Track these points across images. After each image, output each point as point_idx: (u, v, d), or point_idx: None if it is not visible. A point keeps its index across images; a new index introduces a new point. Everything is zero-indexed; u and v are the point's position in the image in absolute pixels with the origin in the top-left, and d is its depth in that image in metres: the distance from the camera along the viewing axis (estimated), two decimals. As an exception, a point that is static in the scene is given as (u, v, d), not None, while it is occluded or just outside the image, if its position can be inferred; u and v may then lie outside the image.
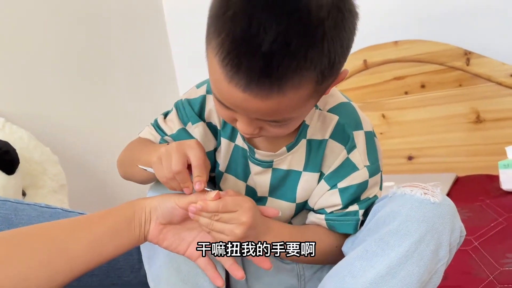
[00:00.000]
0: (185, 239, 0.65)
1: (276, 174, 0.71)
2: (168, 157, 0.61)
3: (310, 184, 0.70)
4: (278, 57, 0.48)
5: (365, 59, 1.68)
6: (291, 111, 0.55)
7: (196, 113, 0.72)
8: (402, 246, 0.57)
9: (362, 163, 0.68)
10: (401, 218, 0.59)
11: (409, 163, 1.68)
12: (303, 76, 0.50)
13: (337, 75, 0.56)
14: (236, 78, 0.50)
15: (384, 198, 0.66)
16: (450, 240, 0.59)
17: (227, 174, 0.75)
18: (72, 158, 1.64)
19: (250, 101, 0.52)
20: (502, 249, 0.93)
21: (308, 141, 0.69)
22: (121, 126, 1.84)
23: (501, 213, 1.12)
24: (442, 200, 0.60)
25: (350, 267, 0.60)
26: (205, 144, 0.73)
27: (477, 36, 1.52)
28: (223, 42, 0.49)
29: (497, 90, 1.48)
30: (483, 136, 1.53)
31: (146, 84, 2.02)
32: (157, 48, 2.12)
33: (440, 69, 1.56)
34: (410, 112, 1.65)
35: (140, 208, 0.63)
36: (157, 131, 0.76)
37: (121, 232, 0.61)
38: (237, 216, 0.60)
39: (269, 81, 0.49)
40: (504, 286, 0.80)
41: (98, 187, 1.74)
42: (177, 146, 0.61)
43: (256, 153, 0.70)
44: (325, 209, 0.70)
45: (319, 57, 0.49)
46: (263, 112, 0.54)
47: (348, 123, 0.68)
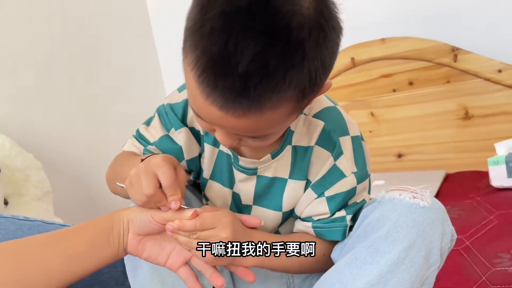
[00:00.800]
0: (164, 249, 0.63)
1: (261, 182, 0.69)
2: (138, 180, 0.58)
3: (297, 192, 0.68)
4: (255, 78, 0.46)
5: (353, 57, 1.66)
6: (270, 128, 0.53)
7: (179, 119, 0.70)
8: (392, 253, 0.56)
9: (349, 170, 0.66)
10: (390, 224, 0.57)
11: (399, 161, 1.67)
12: (282, 96, 0.48)
13: (318, 91, 0.54)
14: (212, 96, 0.48)
15: (373, 203, 0.64)
16: (441, 245, 0.58)
17: (211, 181, 0.73)
18: (56, 164, 1.60)
19: (227, 119, 0.50)
20: (494, 248, 0.92)
21: (293, 147, 0.67)
22: (107, 130, 1.81)
23: (491, 211, 1.12)
24: (432, 204, 0.58)
25: (340, 275, 0.58)
26: (190, 150, 0.71)
27: (464, 32, 1.51)
28: (198, 59, 0.48)
29: (485, 86, 1.48)
30: (472, 132, 1.53)
31: (131, 87, 1.99)
32: (142, 51, 2.09)
33: (427, 66, 1.56)
34: (399, 109, 1.64)
35: (118, 220, 0.62)
36: (139, 142, 0.73)
37: (100, 245, 0.60)
38: (216, 233, 0.58)
39: (246, 101, 0.47)
40: (497, 287, 0.79)
41: (84, 193, 1.71)
42: (144, 167, 0.58)
43: (240, 160, 0.68)
44: (313, 217, 0.68)
45: (299, 77, 0.48)
46: (241, 129, 0.52)
47: (334, 129, 0.66)
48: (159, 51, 2.15)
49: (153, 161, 0.58)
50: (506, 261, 0.87)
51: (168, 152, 0.70)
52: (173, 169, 0.58)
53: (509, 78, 1.43)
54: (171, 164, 0.59)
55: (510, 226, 1.02)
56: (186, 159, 0.71)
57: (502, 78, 1.44)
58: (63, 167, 1.65)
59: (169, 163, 0.59)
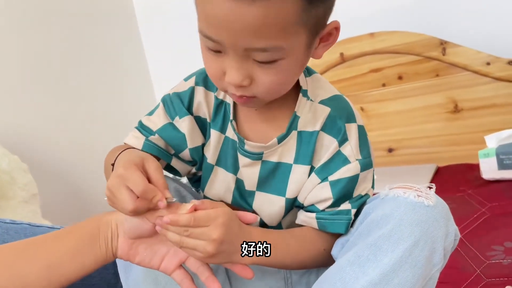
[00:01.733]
0: (158, 252, 0.61)
1: (266, 167, 0.68)
2: (115, 199, 0.56)
3: (301, 177, 0.67)
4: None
5: (342, 52, 1.66)
6: (280, 32, 0.52)
7: (185, 106, 0.69)
8: (396, 252, 0.55)
9: (354, 157, 0.65)
10: (394, 222, 0.56)
11: (390, 156, 1.67)
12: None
13: (325, 8, 0.55)
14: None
15: (375, 200, 0.63)
16: (444, 245, 0.57)
17: (217, 167, 0.71)
18: (43, 166, 1.57)
19: (235, 11, 0.50)
20: (487, 241, 0.92)
21: (299, 132, 0.66)
22: (94, 130, 1.78)
23: (483, 203, 1.12)
24: (436, 203, 0.57)
25: (342, 273, 0.57)
26: (193, 138, 0.69)
27: (452, 25, 1.51)
28: None
29: (473, 78, 1.48)
30: (461, 125, 1.53)
31: (119, 87, 1.96)
32: (129, 49, 2.06)
33: (416, 60, 1.56)
34: (389, 104, 1.64)
35: (105, 223, 0.59)
36: (141, 132, 0.71)
37: (84, 251, 0.57)
38: (208, 232, 0.56)
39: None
40: (492, 280, 0.79)
41: (72, 194, 1.68)
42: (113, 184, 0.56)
43: (246, 144, 0.67)
44: (316, 205, 0.67)
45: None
46: (250, 29, 0.51)
47: (340, 115, 0.66)
48: (146, 48, 2.12)
49: (117, 173, 0.56)
50: (500, 253, 0.87)
51: (172, 140, 0.69)
52: (138, 173, 0.56)
53: (498, 71, 1.44)
54: (135, 167, 0.56)
55: (502, 218, 1.02)
56: (189, 147, 0.70)
57: (490, 70, 1.45)
58: (50, 169, 1.62)
59: (132, 167, 0.56)
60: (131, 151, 0.63)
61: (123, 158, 0.60)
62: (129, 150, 0.64)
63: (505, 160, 1.22)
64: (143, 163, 0.58)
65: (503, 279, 0.78)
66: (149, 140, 0.70)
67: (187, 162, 0.73)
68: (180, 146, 0.70)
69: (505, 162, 1.22)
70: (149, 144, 0.70)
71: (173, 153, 0.72)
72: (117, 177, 0.56)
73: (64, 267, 0.56)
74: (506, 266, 0.82)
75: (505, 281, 0.78)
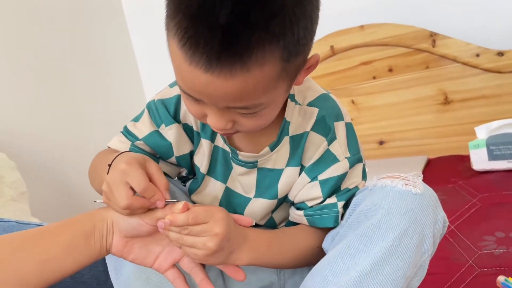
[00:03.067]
0: (152, 251, 0.61)
1: (262, 173, 0.68)
2: (112, 194, 0.56)
3: (291, 178, 0.67)
4: (236, 29, 0.45)
5: (332, 44, 1.65)
6: (260, 94, 0.51)
7: (171, 114, 0.68)
8: (386, 241, 0.55)
9: (342, 155, 0.65)
10: (383, 212, 0.56)
11: (381, 148, 1.67)
12: (266, 50, 0.47)
13: (304, 55, 0.53)
14: (196, 58, 0.47)
15: (364, 191, 0.63)
16: (433, 232, 0.57)
17: (208, 176, 0.71)
18: (31, 164, 1.55)
19: (213, 82, 0.48)
20: (479, 231, 0.93)
21: (291, 137, 0.66)
22: (83, 128, 1.76)
23: (474, 194, 1.12)
24: (424, 191, 0.58)
25: (332, 265, 0.57)
26: (180, 146, 0.68)
27: (442, 17, 1.51)
28: (180, 22, 0.47)
29: (463, 70, 1.49)
30: (452, 117, 1.54)
31: (109, 84, 1.94)
32: (118, 47, 2.04)
33: (406, 52, 1.56)
34: (379, 96, 1.64)
35: (101, 220, 0.58)
36: (127, 137, 0.70)
37: (78, 247, 0.56)
38: (209, 228, 0.56)
39: (230, 57, 0.46)
40: (484, 270, 0.80)
41: (61, 192, 1.66)
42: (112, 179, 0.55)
43: (239, 154, 0.66)
44: (306, 202, 0.67)
45: (281, 29, 0.47)
46: (230, 96, 0.50)
47: (328, 114, 0.66)
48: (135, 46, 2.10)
49: (120, 168, 0.55)
50: (491, 243, 0.87)
51: (158, 148, 0.69)
52: (141, 170, 0.55)
53: (487, 62, 1.44)
54: (138, 165, 0.56)
55: (493, 209, 1.03)
56: (175, 156, 0.69)
57: (480, 62, 1.45)
58: (39, 167, 1.60)
59: (135, 164, 0.55)
60: (130, 152, 0.62)
61: (125, 156, 0.59)
62: (128, 152, 0.63)
63: (495, 151, 1.23)
64: (145, 163, 0.58)
65: (495, 269, 0.79)
66: (135, 145, 0.69)
67: (175, 165, 0.72)
68: (166, 153, 0.69)
69: (495, 153, 1.23)
70: (134, 149, 0.69)
71: (159, 157, 0.71)
72: (118, 172, 0.55)
73: (58, 262, 0.55)
74: (498, 256, 0.82)
75: (497, 271, 0.78)
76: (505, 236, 0.89)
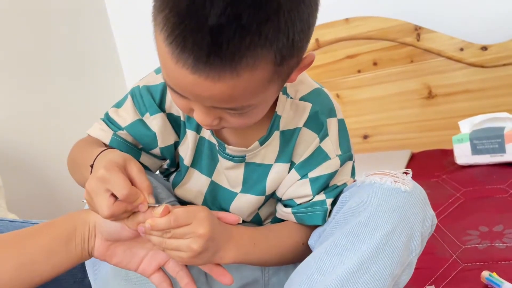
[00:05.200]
0: (136, 254, 0.59)
1: (250, 168, 0.66)
2: (92, 203, 0.53)
3: (280, 174, 0.65)
4: (227, 32, 0.42)
5: (317, 38, 1.63)
6: (249, 97, 0.48)
7: (156, 103, 0.65)
8: (373, 239, 0.54)
9: (334, 152, 0.64)
10: (371, 209, 0.55)
11: (365, 142, 1.67)
12: (258, 54, 0.44)
13: (299, 57, 0.50)
14: (183, 57, 0.44)
15: (352, 187, 0.62)
16: (422, 230, 0.56)
17: (192, 169, 0.68)
18: (7, 158, 1.50)
19: (200, 84, 0.45)
20: (462, 226, 0.92)
21: (281, 132, 0.64)
22: (61, 120, 1.71)
23: (458, 188, 1.12)
24: (413, 188, 0.57)
25: (319, 263, 0.56)
26: (164, 137, 0.66)
27: (427, 10, 1.51)
28: (167, 18, 0.44)
29: (447, 64, 1.49)
30: (435, 111, 1.54)
31: (88, 77, 1.88)
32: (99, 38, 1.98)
33: (391, 46, 1.55)
34: (364, 90, 1.63)
35: (82, 223, 0.56)
36: (108, 126, 0.67)
37: (58, 250, 0.54)
38: (193, 229, 0.54)
39: (219, 60, 0.43)
40: (468, 264, 0.79)
41: (39, 187, 1.61)
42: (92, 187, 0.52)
43: (227, 148, 0.64)
44: (294, 199, 0.65)
45: (275, 33, 0.44)
46: (217, 98, 0.47)
47: (322, 110, 0.64)
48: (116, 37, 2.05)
49: (98, 176, 0.52)
50: (475, 238, 0.87)
51: (141, 138, 0.66)
52: (122, 175, 0.52)
53: (471, 57, 1.44)
54: (118, 169, 0.53)
55: (476, 203, 1.03)
56: (160, 146, 0.66)
57: (463, 56, 1.45)
58: (16, 160, 1.55)
59: (115, 169, 0.52)
60: (110, 151, 0.58)
61: (104, 158, 0.56)
62: (109, 150, 0.59)
63: (478, 145, 1.23)
64: (125, 164, 0.54)
65: (479, 263, 0.79)
66: (117, 135, 0.66)
67: (157, 158, 0.69)
68: (150, 144, 0.66)
69: (479, 147, 1.23)
70: (117, 139, 0.66)
71: (142, 148, 0.68)
72: (97, 180, 0.52)
73: (37, 266, 0.53)
74: (482, 250, 0.82)
75: (481, 265, 0.78)
76: (488, 231, 0.89)
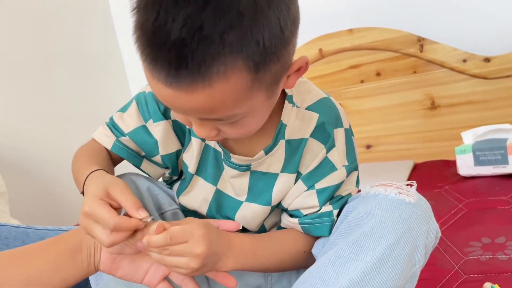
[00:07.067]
0: (141, 266, 0.60)
1: (255, 177, 0.66)
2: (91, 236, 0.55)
3: (287, 185, 0.65)
4: (190, 44, 0.43)
5: (321, 48, 1.64)
6: (232, 106, 0.48)
7: (161, 110, 0.65)
8: (377, 250, 0.54)
9: (340, 163, 0.64)
10: (375, 220, 0.55)
11: (367, 152, 1.67)
12: (227, 63, 0.44)
13: (282, 62, 0.49)
14: (156, 73, 0.46)
15: (356, 198, 0.62)
16: (425, 243, 0.56)
17: (196, 176, 0.69)
18: (12, 163, 1.51)
19: (177, 97, 0.47)
20: (465, 237, 0.92)
21: (287, 141, 0.64)
22: (66, 126, 1.72)
23: (460, 199, 1.12)
24: (418, 200, 0.57)
25: (322, 273, 0.56)
26: (166, 145, 0.66)
27: (430, 22, 1.52)
28: (139, 37, 0.46)
29: (450, 75, 1.49)
30: (438, 122, 1.54)
31: (93, 84, 1.90)
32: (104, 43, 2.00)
33: (394, 56, 1.56)
34: (367, 100, 1.64)
35: (88, 237, 0.57)
36: (112, 131, 0.68)
37: (65, 265, 0.56)
38: (190, 248, 0.54)
39: (187, 72, 0.44)
40: (470, 276, 0.79)
41: (43, 193, 1.62)
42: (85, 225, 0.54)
43: (233, 157, 0.64)
44: (301, 210, 0.65)
45: (240, 40, 0.44)
46: (199, 110, 0.48)
47: (329, 121, 0.64)
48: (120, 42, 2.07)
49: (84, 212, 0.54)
50: (478, 249, 0.87)
51: (143, 145, 0.67)
52: (106, 208, 0.53)
53: (474, 68, 1.45)
54: (101, 202, 0.53)
55: (479, 214, 1.03)
56: (161, 154, 0.67)
57: (467, 67, 1.46)
58: (20, 166, 1.56)
59: (97, 203, 0.53)
60: (93, 177, 0.58)
61: (87, 190, 0.57)
62: (92, 175, 0.59)
63: (481, 156, 1.23)
64: (107, 192, 0.55)
65: (481, 275, 0.78)
66: (120, 141, 0.67)
67: (159, 165, 0.70)
68: (151, 151, 0.67)
69: (481, 159, 1.23)
70: (119, 146, 0.67)
71: (144, 155, 0.69)
72: (85, 217, 0.54)
73: (44, 281, 0.55)
74: (484, 262, 0.82)
75: (483, 277, 0.77)
76: (491, 242, 0.88)
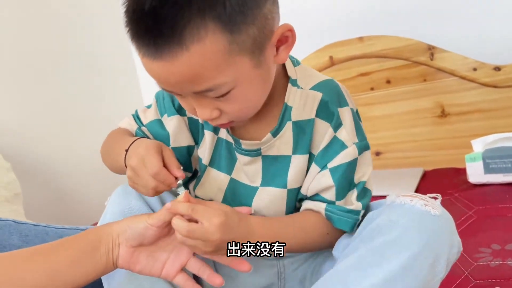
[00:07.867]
0: (159, 259, 0.62)
1: (267, 161, 0.68)
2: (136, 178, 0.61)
3: (301, 166, 0.67)
4: (161, 12, 0.48)
5: (331, 55, 1.66)
6: (214, 72, 0.52)
7: (175, 106, 0.70)
8: (400, 259, 0.54)
9: (350, 141, 0.65)
10: (400, 229, 0.56)
11: (377, 159, 1.68)
12: (199, 25, 0.49)
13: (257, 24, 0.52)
14: (142, 49, 0.52)
15: (380, 206, 0.63)
16: (448, 255, 0.57)
17: (210, 168, 0.72)
18: (27, 165, 1.54)
19: (162, 69, 0.51)
20: (475, 243, 0.93)
21: (294, 123, 0.66)
22: (80, 130, 1.75)
23: (470, 207, 1.13)
24: (442, 213, 0.57)
25: (344, 277, 0.57)
26: (177, 138, 0.70)
27: (440, 30, 1.53)
28: (126, 20, 0.52)
29: (460, 84, 1.50)
30: (448, 130, 1.54)
31: (107, 86, 1.93)
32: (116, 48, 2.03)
33: (404, 64, 1.57)
34: (376, 108, 1.65)
35: (106, 235, 0.60)
36: (135, 121, 0.75)
37: (84, 261, 0.58)
38: (205, 234, 0.57)
39: (164, 40, 0.49)
40: (480, 281, 0.80)
41: (56, 195, 1.64)
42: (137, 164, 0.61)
43: (242, 143, 0.67)
44: (320, 194, 0.67)
45: (207, 1, 0.49)
46: (185, 80, 0.52)
47: (332, 100, 0.65)
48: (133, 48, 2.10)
49: (140, 155, 0.61)
50: (487, 255, 0.87)
51: (157, 137, 0.72)
52: (157, 156, 0.60)
53: (484, 76, 1.45)
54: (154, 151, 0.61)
55: (489, 221, 1.03)
56: (171, 146, 0.71)
57: (477, 76, 1.46)
58: (34, 168, 1.58)
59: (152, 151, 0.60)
60: (142, 141, 0.66)
61: (142, 143, 0.63)
62: (138, 141, 0.66)
63: (491, 164, 1.24)
64: (161, 148, 0.62)
65: (491, 280, 0.79)
66: (141, 129, 0.73)
67: None
68: (164, 143, 0.70)
69: (491, 166, 1.24)
70: (140, 133, 0.73)
71: None
72: (139, 158, 0.60)
73: (67, 276, 0.57)
74: (494, 268, 0.82)
75: (492, 282, 0.78)
76: (501, 249, 0.89)
